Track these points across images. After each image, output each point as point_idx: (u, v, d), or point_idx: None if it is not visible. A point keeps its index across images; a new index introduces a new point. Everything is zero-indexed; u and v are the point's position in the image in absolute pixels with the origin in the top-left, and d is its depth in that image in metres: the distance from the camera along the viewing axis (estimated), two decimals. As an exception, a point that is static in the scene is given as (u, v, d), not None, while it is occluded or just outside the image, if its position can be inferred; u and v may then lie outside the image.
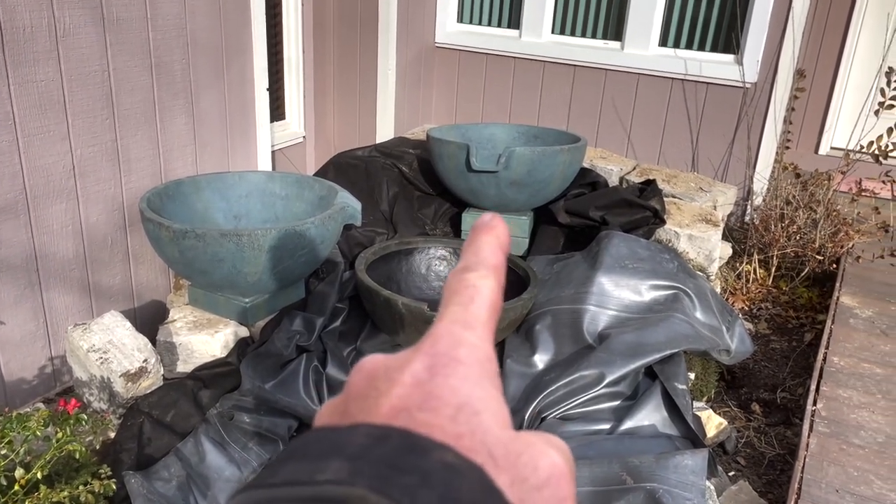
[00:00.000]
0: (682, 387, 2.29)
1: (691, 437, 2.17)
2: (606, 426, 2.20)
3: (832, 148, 4.66)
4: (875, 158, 3.43)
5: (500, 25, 4.42)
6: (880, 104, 3.40)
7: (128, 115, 2.64)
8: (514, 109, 4.41)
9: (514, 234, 3.15)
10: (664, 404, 2.24)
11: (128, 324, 2.22)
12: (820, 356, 2.69)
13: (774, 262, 3.50)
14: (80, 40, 2.42)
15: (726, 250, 3.41)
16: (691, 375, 2.54)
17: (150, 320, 2.84)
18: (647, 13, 3.94)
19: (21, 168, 2.31)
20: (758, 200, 3.87)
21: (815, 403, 2.40)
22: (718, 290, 3.20)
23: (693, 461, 1.94)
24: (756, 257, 3.54)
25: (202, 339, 2.31)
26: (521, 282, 2.55)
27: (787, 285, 3.51)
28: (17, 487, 1.54)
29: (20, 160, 2.30)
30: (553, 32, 4.29)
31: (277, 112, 3.94)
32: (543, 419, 2.20)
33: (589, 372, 2.28)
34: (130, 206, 2.71)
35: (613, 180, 3.57)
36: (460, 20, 4.50)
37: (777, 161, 3.84)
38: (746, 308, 3.40)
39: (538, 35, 4.25)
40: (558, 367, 2.37)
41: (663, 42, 4.01)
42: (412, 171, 3.46)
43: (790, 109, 3.82)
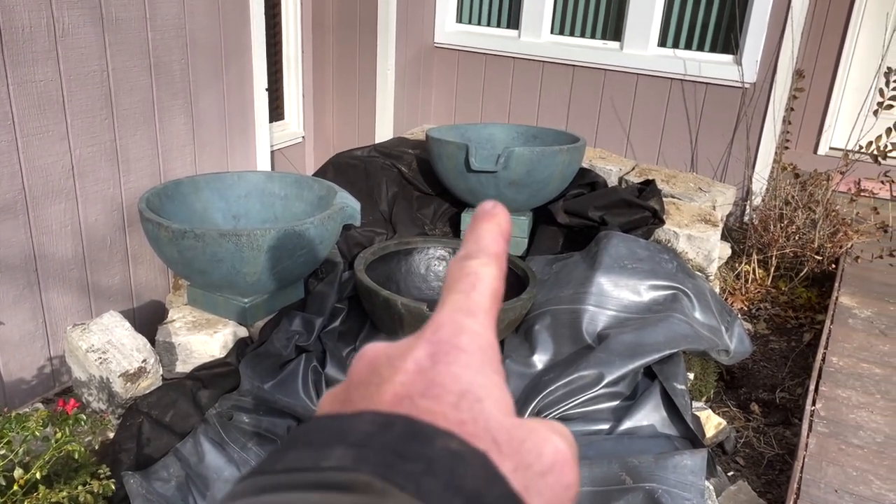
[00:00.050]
0: (681, 387, 2.29)
1: (690, 437, 2.17)
2: (605, 426, 2.20)
3: (831, 148, 4.66)
4: (874, 158, 3.43)
5: (499, 25, 4.42)
6: (879, 104, 3.40)
7: (127, 115, 2.64)
8: (513, 109, 4.41)
9: (513, 234, 3.15)
10: (663, 404, 2.25)
11: (127, 324, 2.22)
12: (819, 356, 2.69)
13: (773, 262, 3.50)
14: (79, 40, 2.42)
15: (725, 250, 3.41)
16: (690, 375, 2.54)
17: (149, 320, 2.84)
18: (646, 13, 3.94)
19: (20, 168, 2.31)
20: (757, 200, 3.88)
21: (814, 403, 2.40)
22: (717, 290, 3.20)
23: (692, 461, 1.95)
24: (755, 257, 3.54)
25: (201, 340, 2.31)
26: (521, 282, 2.55)
27: (786, 285, 3.52)
28: (16, 487, 1.54)
29: (19, 160, 2.30)
30: (552, 32, 4.29)
31: (276, 112, 3.94)
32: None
33: (588, 372, 2.29)
34: (129, 206, 2.71)
35: (612, 180, 3.57)
36: (459, 20, 4.50)
37: (776, 161, 3.84)
38: (745, 308, 3.40)
39: (537, 35, 4.25)
40: (557, 367, 2.37)
41: (662, 42, 4.01)
42: (411, 171, 3.46)
43: (789, 109, 3.82)
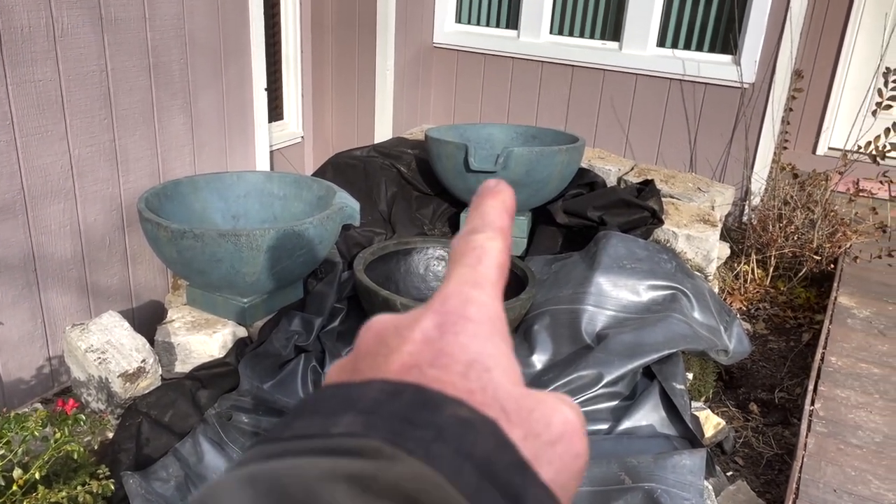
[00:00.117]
0: (680, 387, 2.29)
1: (689, 437, 2.17)
2: (605, 426, 2.20)
3: (830, 148, 4.67)
4: (872, 159, 3.43)
5: (498, 26, 4.42)
6: (878, 104, 3.40)
7: (126, 115, 2.64)
8: (512, 109, 4.41)
9: (512, 233, 3.15)
10: (662, 404, 2.25)
11: (126, 324, 2.22)
12: (818, 356, 2.69)
13: (772, 262, 3.51)
14: (78, 40, 2.41)
15: (724, 250, 3.42)
16: (689, 375, 2.55)
17: (148, 320, 2.83)
18: (645, 14, 3.94)
19: (19, 168, 2.31)
20: (755, 201, 3.88)
21: (813, 403, 2.40)
22: (716, 290, 3.20)
23: (691, 461, 1.95)
24: (754, 257, 3.55)
25: (200, 340, 2.31)
26: (520, 282, 2.55)
27: (784, 285, 3.52)
28: (15, 488, 1.54)
29: (18, 160, 2.30)
30: (551, 33, 4.29)
31: (276, 112, 3.94)
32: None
33: (587, 372, 2.29)
34: (129, 206, 2.71)
35: (611, 180, 3.58)
36: (458, 20, 4.50)
37: (775, 161, 3.84)
38: (744, 308, 3.40)
39: (536, 35, 4.25)
40: (556, 367, 2.37)
41: (661, 42, 4.01)
42: (410, 171, 3.46)
43: (788, 110, 3.83)
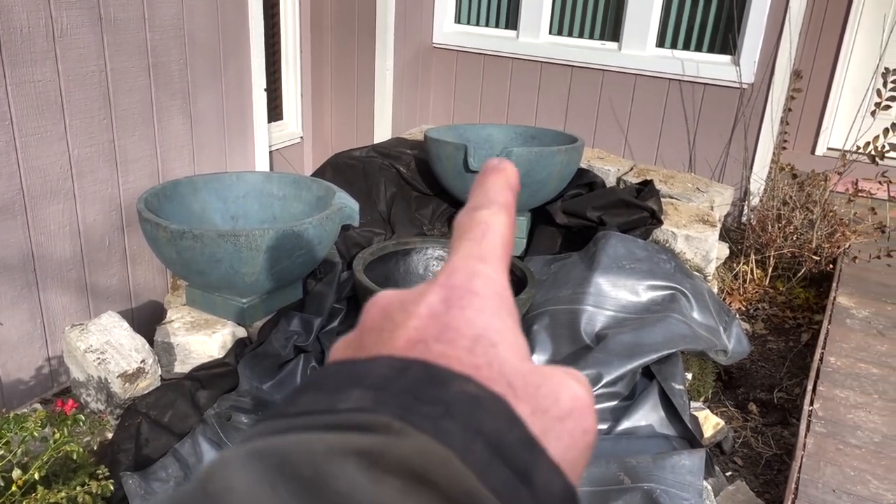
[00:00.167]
0: (679, 387, 2.29)
1: (688, 437, 2.17)
2: (604, 426, 2.20)
3: (829, 148, 4.67)
4: (871, 159, 3.44)
5: (497, 26, 4.43)
6: (877, 105, 3.40)
7: (125, 116, 2.64)
8: (511, 110, 4.41)
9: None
10: (661, 404, 2.25)
11: (125, 324, 2.22)
12: (817, 356, 2.70)
13: (771, 262, 3.51)
14: (78, 40, 2.41)
15: (723, 251, 3.42)
16: (688, 376, 2.55)
17: (147, 321, 2.83)
18: (644, 14, 3.95)
19: (18, 168, 2.31)
20: (754, 201, 3.88)
21: (812, 403, 2.40)
22: (715, 290, 3.20)
23: (690, 461, 1.95)
24: (753, 258, 3.55)
25: (200, 340, 2.31)
26: (519, 282, 2.55)
27: (783, 285, 3.52)
28: (14, 488, 1.54)
29: (17, 160, 2.30)
30: (550, 33, 4.29)
31: (275, 112, 3.94)
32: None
33: (586, 372, 2.29)
34: (128, 206, 2.71)
35: (611, 181, 3.58)
36: (458, 21, 4.51)
37: (774, 161, 3.84)
38: (743, 308, 3.40)
39: (535, 36, 4.25)
40: (556, 367, 2.37)
41: (660, 43, 4.02)
42: (410, 171, 3.46)
43: (787, 110, 3.83)
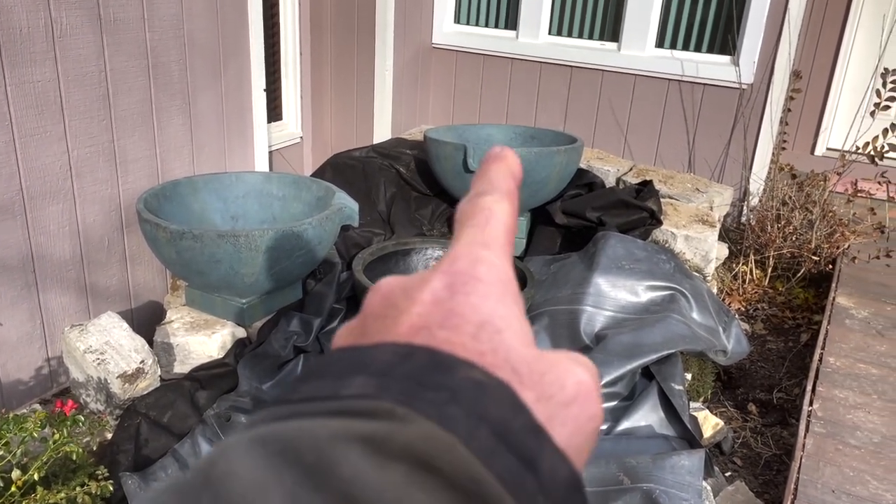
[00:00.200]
0: (678, 387, 2.29)
1: (688, 437, 2.17)
2: (603, 427, 2.20)
3: (828, 149, 4.67)
4: (871, 159, 3.44)
5: (497, 26, 4.43)
6: (876, 105, 3.41)
7: (125, 116, 2.64)
8: (510, 110, 4.41)
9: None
10: (661, 405, 2.25)
11: (125, 325, 2.22)
12: (816, 357, 2.70)
13: (771, 262, 3.51)
14: (77, 41, 2.41)
15: (723, 251, 3.42)
16: (688, 376, 2.55)
17: (147, 321, 2.83)
18: (643, 14, 3.95)
19: (18, 168, 2.31)
20: (754, 201, 3.88)
21: (812, 404, 2.41)
22: (715, 290, 3.21)
23: (690, 462, 1.95)
24: (752, 258, 3.55)
25: (199, 340, 2.31)
26: (518, 282, 2.55)
27: (783, 286, 3.52)
28: (13, 489, 1.54)
29: (17, 160, 2.30)
30: (550, 33, 4.29)
31: (274, 113, 3.94)
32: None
33: (586, 372, 2.28)
34: (127, 206, 2.71)
35: (610, 181, 3.58)
36: (457, 21, 4.51)
37: (773, 162, 3.85)
38: (743, 309, 3.41)
39: (535, 36, 4.25)
40: (555, 367, 2.37)
41: (660, 43, 4.02)
42: (409, 171, 3.46)
43: (786, 110, 3.83)
